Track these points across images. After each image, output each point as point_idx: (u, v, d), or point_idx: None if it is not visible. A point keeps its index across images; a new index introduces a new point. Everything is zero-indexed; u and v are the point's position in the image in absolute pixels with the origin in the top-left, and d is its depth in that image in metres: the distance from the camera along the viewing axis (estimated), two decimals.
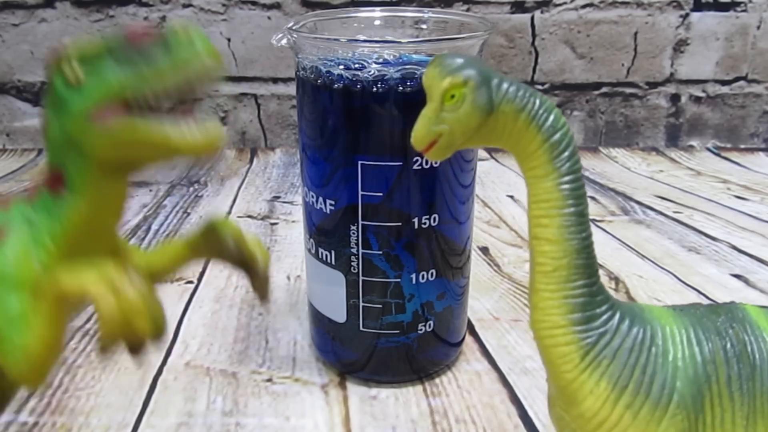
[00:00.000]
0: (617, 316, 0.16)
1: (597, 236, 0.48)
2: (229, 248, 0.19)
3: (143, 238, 0.51)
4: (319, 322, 0.34)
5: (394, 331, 0.32)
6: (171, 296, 0.43)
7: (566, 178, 0.15)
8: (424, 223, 0.31)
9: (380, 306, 0.32)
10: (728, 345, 0.15)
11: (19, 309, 0.15)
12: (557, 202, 0.15)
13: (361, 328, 0.32)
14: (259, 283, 0.20)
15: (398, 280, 0.31)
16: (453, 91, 0.15)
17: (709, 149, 0.82)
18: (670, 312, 0.16)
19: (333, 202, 0.31)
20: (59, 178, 0.16)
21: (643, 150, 0.82)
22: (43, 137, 0.16)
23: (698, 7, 0.78)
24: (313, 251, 0.33)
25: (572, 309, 0.15)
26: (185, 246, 0.20)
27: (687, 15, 0.78)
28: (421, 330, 0.33)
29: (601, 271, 0.16)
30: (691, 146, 0.83)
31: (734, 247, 0.51)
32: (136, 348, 0.15)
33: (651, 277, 0.46)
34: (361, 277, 0.31)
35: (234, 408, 0.32)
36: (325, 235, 0.32)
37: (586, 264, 0.15)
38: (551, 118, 0.15)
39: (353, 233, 0.31)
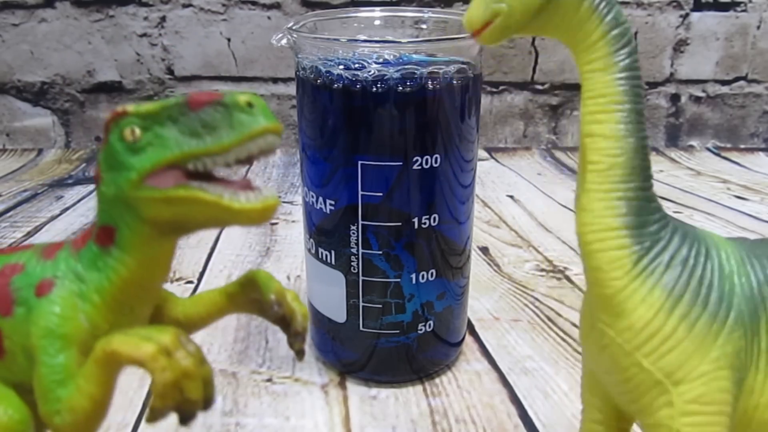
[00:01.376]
0: (670, 226, 0.15)
1: None
2: (270, 304, 0.19)
3: None
4: (319, 322, 0.34)
5: (394, 331, 0.32)
6: None
7: (626, 74, 0.14)
8: (424, 223, 0.31)
9: (380, 306, 0.32)
10: None
11: (65, 364, 0.15)
12: (616, 97, 0.14)
13: (361, 328, 0.32)
14: (297, 339, 0.20)
15: (398, 280, 0.31)
16: None
17: (709, 149, 0.82)
18: (722, 237, 0.16)
19: (333, 202, 0.31)
20: (110, 234, 0.16)
21: None
22: (96, 192, 0.16)
23: (698, 7, 0.78)
24: (313, 251, 0.33)
25: (626, 211, 0.14)
26: (223, 297, 0.20)
27: (687, 15, 0.78)
28: (421, 330, 0.33)
29: None
30: (691, 146, 0.83)
31: None
32: (187, 416, 0.15)
33: None
34: (361, 277, 0.31)
35: (234, 408, 0.32)
36: (325, 235, 0.32)
37: (643, 165, 0.14)
38: (614, 11, 0.14)
39: (353, 233, 0.31)
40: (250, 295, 0.19)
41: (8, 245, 0.50)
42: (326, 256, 0.32)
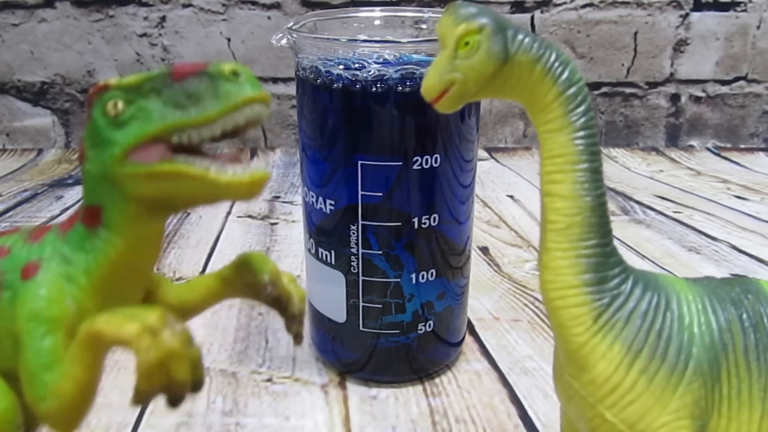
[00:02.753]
0: (631, 279, 0.15)
1: None
2: (263, 285, 0.18)
3: None
4: (319, 322, 0.34)
5: (394, 331, 0.32)
6: None
7: (581, 133, 0.14)
8: (424, 223, 0.31)
9: (380, 306, 0.32)
10: (744, 315, 0.15)
11: (51, 348, 0.14)
12: (571, 157, 0.14)
13: (361, 328, 0.32)
14: (294, 322, 0.20)
15: (398, 280, 0.31)
16: (467, 38, 0.15)
17: (709, 149, 0.82)
18: (684, 281, 0.16)
19: (333, 202, 0.31)
20: (96, 213, 0.15)
21: (643, 150, 0.82)
22: (80, 171, 0.16)
23: (698, 7, 0.78)
24: (313, 251, 0.33)
25: (585, 269, 0.14)
26: (218, 281, 0.19)
27: (687, 15, 0.78)
28: (421, 330, 0.33)
29: None
30: (691, 146, 0.83)
31: (734, 247, 0.52)
32: (175, 399, 0.14)
33: None
34: (361, 277, 0.31)
35: (234, 408, 0.32)
36: (325, 235, 0.32)
37: (600, 222, 0.14)
38: (567, 71, 0.15)
39: (353, 233, 0.31)
40: (245, 277, 0.19)
41: None
42: (326, 256, 0.32)
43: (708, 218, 0.58)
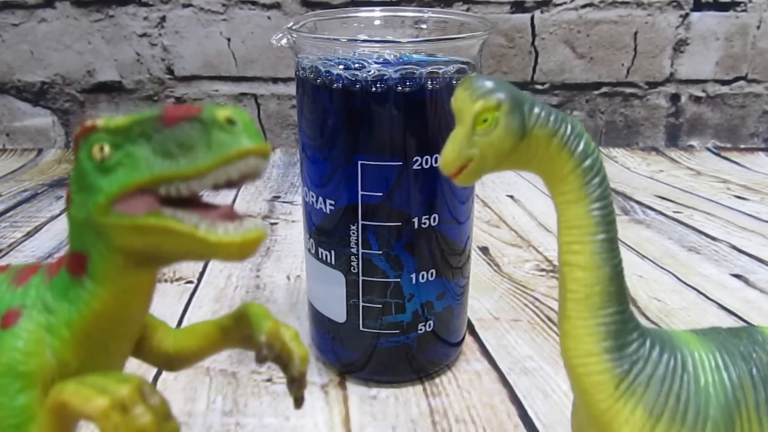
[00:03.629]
0: (648, 343, 0.15)
1: None
2: (259, 346, 0.17)
3: None
4: (319, 322, 0.34)
5: (394, 331, 0.32)
6: (171, 296, 0.43)
7: (597, 204, 0.15)
8: (424, 223, 0.31)
9: (380, 306, 0.32)
10: (754, 370, 0.15)
11: (25, 406, 0.14)
12: (589, 228, 0.15)
13: (361, 328, 0.32)
14: (293, 385, 0.18)
15: (398, 280, 0.31)
16: (485, 115, 0.15)
17: (709, 149, 0.82)
18: (696, 337, 0.16)
19: (333, 202, 0.31)
20: (81, 261, 0.14)
21: (643, 150, 0.82)
22: (66, 214, 0.15)
23: (698, 7, 0.78)
24: (313, 251, 0.33)
25: (605, 337, 0.15)
26: (217, 330, 0.19)
27: (687, 15, 0.78)
28: (421, 330, 0.33)
29: None
30: (691, 146, 0.83)
31: (734, 247, 0.52)
32: None
33: (651, 276, 0.46)
34: (361, 277, 0.31)
35: (234, 408, 0.32)
36: (325, 235, 0.32)
37: (618, 291, 0.15)
38: (582, 143, 0.15)
39: (353, 233, 0.31)
40: (245, 331, 0.18)
41: (8, 245, 0.50)
42: (326, 256, 0.32)
43: (708, 218, 0.58)
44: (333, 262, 0.32)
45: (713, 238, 0.53)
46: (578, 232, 0.15)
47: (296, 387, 0.18)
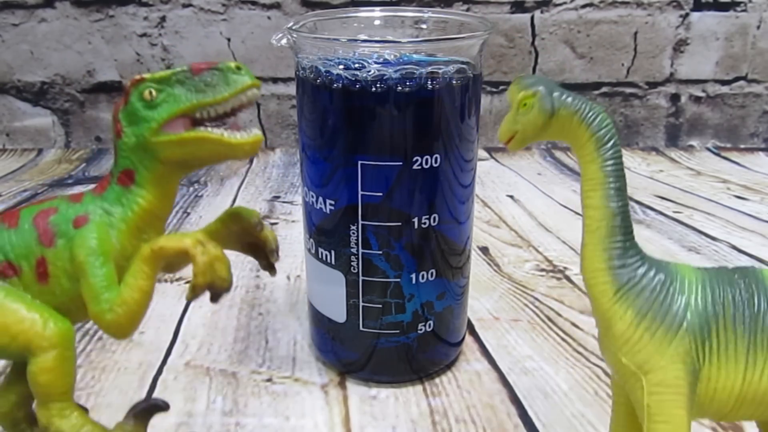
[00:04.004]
0: (646, 265, 0.20)
1: None
2: (255, 225, 0.23)
3: None
4: (319, 322, 0.34)
5: (394, 331, 0.32)
6: (171, 296, 0.43)
7: (608, 162, 0.20)
8: (424, 223, 0.31)
9: (380, 306, 0.32)
10: (738, 293, 0.20)
11: (107, 273, 0.19)
12: (600, 180, 0.20)
13: (361, 328, 0.32)
14: (273, 255, 0.24)
15: (398, 280, 0.31)
16: (525, 100, 0.20)
17: (709, 149, 0.82)
18: (694, 268, 0.21)
19: (333, 202, 0.31)
20: (130, 175, 0.20)
21: (643, 150, 0.82)
22: (115, 144, 0.20)
23: (698, 6, 0.78)
24: (313, 251, 0.33)
25: (609, 257, 0.20)
26: (204, 234, 0.22)
27: (687, 15, 0.78)
28: (421, 330, 0.33)
29: None
30: (691, 146, 0.83)
31: (734, 247, 0.52)
32: (218, 294, 0.19)
33: None
34: (361, 277, 0.31)
35: (234, 408, 0.32)
36: (325, 235, 0.32)
37: (622, 225, 0.20)
38: (598, 118, 0.20)
39: (353, 233, 0.31)
40: (231, 228, 0.23)
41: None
42: (326, 256, 0.32)
43: (708, 218, 0.58)
44: (333, 262, 0.32)
45: (713, 238, 0.53)
46: (593, 182, 0.20)
47: (275, 256, 0.24)
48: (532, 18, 0.77)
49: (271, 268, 0.24)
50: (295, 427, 0.31)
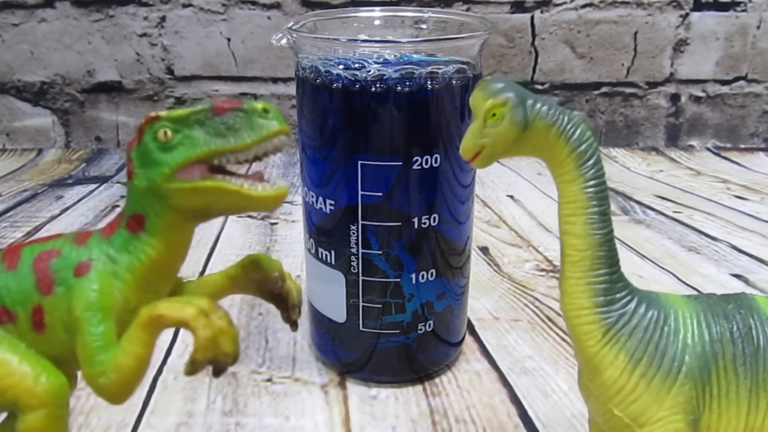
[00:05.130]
0: (635, 300, 0.18)
1: None
2: (274, 279, 0.22)
3: None
4: (319, 322, 0.34)
5: (393, 331, 0.32)
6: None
7: (590, 183, 0.17)
8: (424, 223, 0.31)
9: (380, 306, 0.32)
10: (734, 327, 0.18)
11: (105, 332, 0.17)
12: (582, 203, 0.17)
13: (361, 328, 0.32)
14: (294, 311, 0.23)
15: (398, 280, 0.31)
16: (494, 110, 0.18)
17: (709, 149, 0.82)
18: (684, 299, 0.19)
19: (333, 202, 0.31)
20: (140, 221, 0.18)
21: (643, 150, 0.82)
22: (127, 184, 0.19)
23: (698, 6, 0.78)
24: (312, 251, 0.33)
25: (595, 293, 0.17)
26: (225, 278, 0.22)
27: (687, 15, 0.78)
28: (420, 330, 0.33)
29: None
30: (691, 146, 0.83)
31: (734, 247, 0.52)
32: (221, 368, 0.17)
33: (651, 277, 0.46)
34: (360, 277, 0.31)
35: (234, 408, 0.32)
36: (325, 235, 0.32)
37: (608, 255, 0.18)
38: (578, 131, 0.18)
39: (353, 233, 0.31)
40: (251, 275, 0.22)
41: (8, 245, 0.50)
42: (326, 256, 0.32)
43: (708, 218, 0.58)
44: (333, 262, 0.32)
45: (713, 238, 0.53)
46: (574, 206, 0.18)
47: (296, 313, 0.23)
48: (532, 18, 0.77)
49: (292, 324, 0.23)
50: (295, 427, 0.31)
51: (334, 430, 0.30)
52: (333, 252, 0.32)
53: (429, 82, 0.29)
